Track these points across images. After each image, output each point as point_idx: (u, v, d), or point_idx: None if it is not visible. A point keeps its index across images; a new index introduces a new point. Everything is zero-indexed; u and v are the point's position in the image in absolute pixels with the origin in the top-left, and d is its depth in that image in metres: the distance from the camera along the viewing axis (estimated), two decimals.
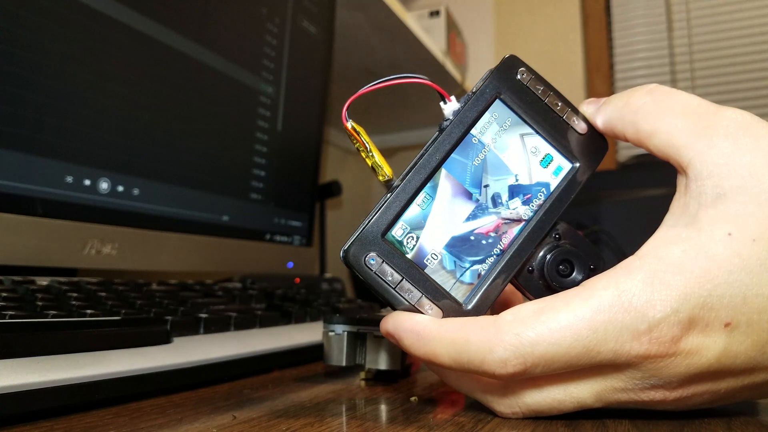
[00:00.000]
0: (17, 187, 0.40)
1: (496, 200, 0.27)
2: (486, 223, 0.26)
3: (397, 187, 0.25)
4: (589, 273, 0.27)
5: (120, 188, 0.48)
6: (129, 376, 0.28)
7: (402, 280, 0.25)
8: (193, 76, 0.55)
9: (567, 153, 0.28)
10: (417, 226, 0.26)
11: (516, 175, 0.27)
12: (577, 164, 0.28)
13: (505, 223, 0.27)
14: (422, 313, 0.25)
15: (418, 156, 0.26)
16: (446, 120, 0.27)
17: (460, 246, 0.26)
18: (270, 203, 0.67)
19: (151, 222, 0.51)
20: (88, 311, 0.33)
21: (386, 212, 0.25)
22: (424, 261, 0.25)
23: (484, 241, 0.26)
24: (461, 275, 0.26)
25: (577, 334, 0.22)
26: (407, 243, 0.25)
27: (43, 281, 0.38)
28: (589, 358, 0.22)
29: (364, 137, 0.26)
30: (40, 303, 0.33)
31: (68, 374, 0.26)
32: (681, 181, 0.25)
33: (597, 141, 0.28)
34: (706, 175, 0.23)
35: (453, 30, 1.16)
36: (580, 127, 0.28)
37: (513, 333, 0.23)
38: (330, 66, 0.79)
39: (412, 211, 0.26)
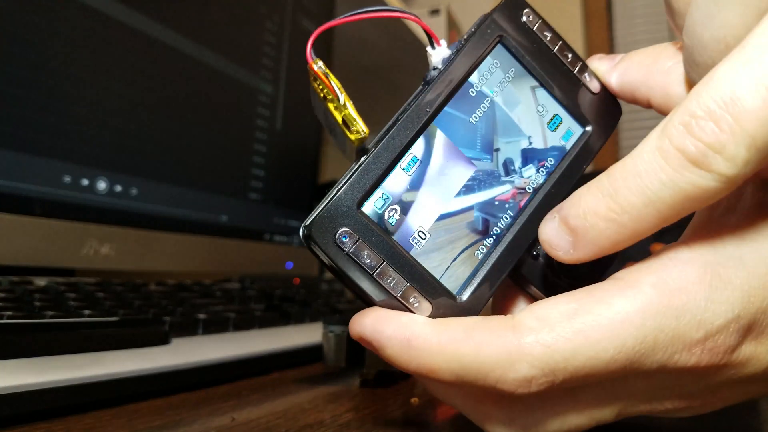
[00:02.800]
0: (14, 187, 0.40)
1: (508, 167, 0.22)
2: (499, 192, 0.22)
3: (377, 146, 0.20)
4: (605, 261, 0.23)
5: (118, 188, 0.48)
6: (127, 377, 0.28)
7: (382, 264, 0.20)
8: (191, 75, 0.55)
9: (578, 115, 0.23)
10: (401, 197, 0.20)
11: (529, 137, 0.23)
12: (590, 128, 0.23)
13: (520, 193, 0.22)
14: (407, 307, 0.20)
15: (400, 111, 0.21)
16: (434, 69, 0.22)
17: None
18: (269, 203, 0.66)
19: (150, 222, 0.50)
20: (86, 312, 0.33)
21: (363, 177, 0.20)
22: (410, 241, 0.20)
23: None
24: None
25: (621, 344, 0.18)
26: (389, 217, 0.20)
27: (41, 281, 0.38)
28: (627, 372, 0.18)
29: (335, 83, 0.20)
30: (38, 303, 0.33)
31: (66, 375, 0.26)
32: None
33: (610, 104, 0.24)
34: None
35: (454, 28, 1.15)
36: (593, 85, 0.24)
37: (540, 344, 0.18)
38: (330, 65, 0.79)
39: (396, 178, 0.20)
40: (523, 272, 0.23)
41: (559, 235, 0.19)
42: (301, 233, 0.20)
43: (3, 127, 0.39)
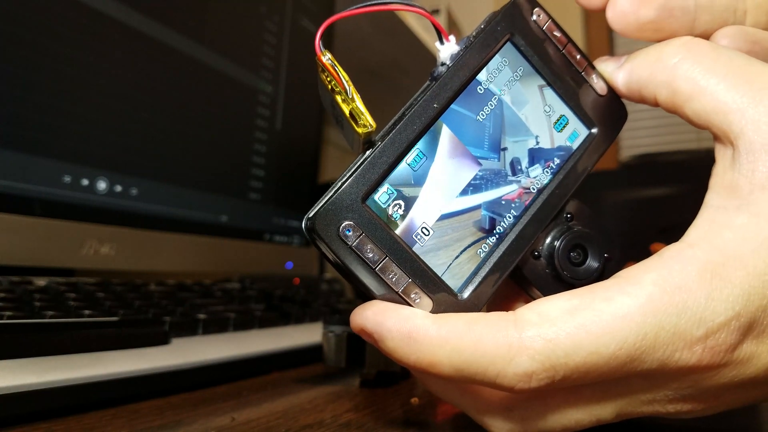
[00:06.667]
0: (15, 187, 0.40)
1: (515, 166, 0.22)
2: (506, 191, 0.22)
3: (383, 140, 0.20)
4: (605, 262, 0.23)
5: (118, 188, 0.48)
6: (127, 377, 0.28)
7: (385, 259, 0.19)
8: (191, 75, 0.55)
9: (584, 117, 0.23)
10: (406, 192, 0.20)
11: (537, 137, 0.23)
12: (595, 131, 0.23)
13: (526, 192, 0.22)
14: (408, 303, 0.20)
15: (407, 106, 0.21)
16: (442, 65, 0.21)
17: None
18: (269, 203, 0.66)
19: (150, 222, 0.50)
20: (86, 312, 0.33)
21: (368, 171, 0.20)
22: (413, 237, 0.20)
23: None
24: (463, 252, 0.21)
25: (623, 340, 0.18)
26: (393, 212, 0.20)
27: (41, 281, 0.38)
28: (627, 370, 0.18)
29: (344, 75, 0.20)
30: (38, 303, 0.33)
31: (66, 375, 0.26)
32: (725, 154, 0.20)
33: (616, 106, 0.24)
34: (760, 148, 0.19)
35: (454, 29, 1.15)
36: (600, 87, 0.24)
37: (542, 338, 0.18)
38: None
39: (402, 173, 0.20)
40: (525, 272, 0.23)
41: None
42: (303, 225, 0.19)
43: (3, 127, 0.39)
